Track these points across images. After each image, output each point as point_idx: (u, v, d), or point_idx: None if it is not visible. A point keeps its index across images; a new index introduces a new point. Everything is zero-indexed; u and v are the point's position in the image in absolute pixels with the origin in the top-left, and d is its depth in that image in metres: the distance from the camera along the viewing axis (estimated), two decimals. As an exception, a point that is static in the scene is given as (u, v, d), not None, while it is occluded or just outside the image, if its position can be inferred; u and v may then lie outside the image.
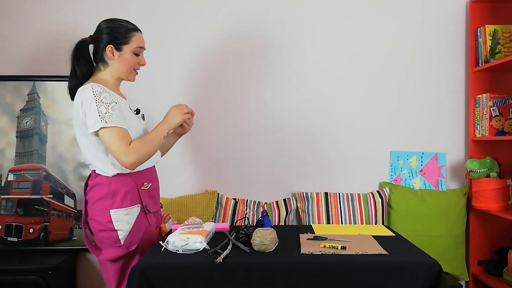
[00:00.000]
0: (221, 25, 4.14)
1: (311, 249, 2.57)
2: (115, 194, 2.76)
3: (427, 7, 4.12)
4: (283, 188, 4.18)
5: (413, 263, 2.38)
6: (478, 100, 3.94)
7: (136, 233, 2.80)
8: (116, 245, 2.78)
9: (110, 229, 2.76)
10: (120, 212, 2.76)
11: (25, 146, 4.01)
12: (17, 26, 4.12)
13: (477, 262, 4.02)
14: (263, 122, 4.16)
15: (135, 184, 2.83)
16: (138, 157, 2.66)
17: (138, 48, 2.90)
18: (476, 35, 3.99)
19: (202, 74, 4.13)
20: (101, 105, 2.65)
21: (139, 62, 2.95)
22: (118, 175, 2.79)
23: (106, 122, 2.63)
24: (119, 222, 2.75)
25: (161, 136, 2.81)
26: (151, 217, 2.94)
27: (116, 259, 2.81)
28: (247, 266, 2.37)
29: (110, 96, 2.70)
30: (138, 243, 2.82)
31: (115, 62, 2.87)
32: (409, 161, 4.14)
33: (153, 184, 2.99)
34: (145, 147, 2.71)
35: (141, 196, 2.85)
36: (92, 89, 2.69)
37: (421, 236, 3.88)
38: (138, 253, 2.84)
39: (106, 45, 2.85)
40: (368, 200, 4.01)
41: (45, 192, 3.97)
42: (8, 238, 3.96)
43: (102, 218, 2.76)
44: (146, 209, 2.87)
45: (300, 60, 4.15)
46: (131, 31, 2.89)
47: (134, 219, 2.80)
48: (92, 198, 2.82)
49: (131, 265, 2.81)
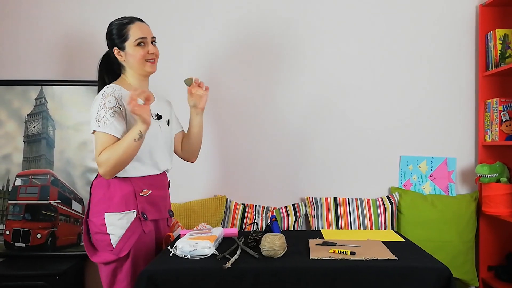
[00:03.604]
0: (229, 27, 4.16)
1: (320, 254, 2.57)
2: (111, 197, 2.77)
3: (437, 12, 4.13)
4: (292, 193, 4.19)
5: (423, 269, 2.38)
6: (488, 105, 3.94)
7: (128, 239, 2.78)
8: (108, 249, 2.78)
9: (103, 232, 2.77)
10: (114, 216, 2.76)
11: (32, 151, 4.03)
12: (24, 31, 4.15)
13: (487, 268, 4.02)
14: (272, 126, 4.17)
15: (133, 189, 2.82)
16: (106, 168, 2.64)
17: (138, 40, 2.88)
18: (486, 39, 3.99)
19: (210, 77, 4.14)
20: (101, 108, 2.69)
21: (148, 51, 2.92)
22: (118, 178, 2.79)
23: (99, 126, 2.67)
24: (113, 226, 2.76)
25: (130, 139, 2.63)
26: (148, 225, 2.89)
27: (107, 263, 2.81)
28: (256, 272, 2.37)
29: (115, 100, 2.73)
30: (130, 250, 2.79)
31: (126, 62, 2.91)
32: (419, 166, 4.14)
33: (156, 191, 2.96)
34: (113, 155, 2.62)
35: (138, 202, 2.83)
36: (104, 90, 2.76)
37: (431, 241, 3.87)
38: (130, 260, 2.81)
39: (112, 49, 2.91)
40: (378, 205, 4.01)
41: (53, 197, 3.99)
42: (15, 244, 3.97)
43: (98, 220, 2.77)
44: (143, 215, 2.84)
45: (310, 65, 4.16)
46: (125, 26, 2.90)
47: (128, 224, 2.79)
48: (93, 199, 2.84)
49: (122, 271, 2.81)
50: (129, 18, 2.94)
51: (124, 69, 2.96)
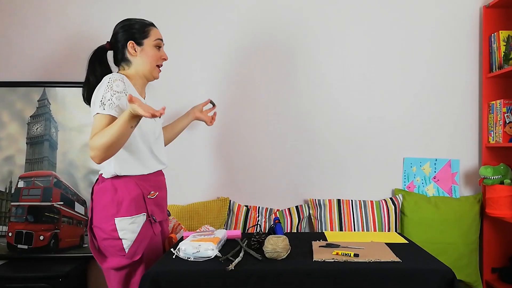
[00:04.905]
0: (229, 31, 4.18)
1: (323, 256, 2.57)
2: (120, 202, 2.75)
3: (440, 13, 4.13)
4: (296, 195, 4.20)
5: (427, 271, 2.39)
6: (492, 106, 3.94)
7: (141, 242, 2.79)
8: (120, 254, 2.77)
9: (114, 238, 2.75)
10: (125, 221, 2.75)
11: (35, 153, 4.03)
12: (27, 32, 4.16)
13: (491, 270, 4.02)
14: (275, 128, 4.17)
15: (141, 192, 2.82)
16: (96, 152, 2.52)
17: (158, 40, 2.92)
18: (489, 41, 3.99)
19: (214, 80, 4.16)
20: (108, 91, 2.64)
21: (161, 56, 2.96)
22: (124, 181, 2.79)
23: (104, 109, 2.60)
24: (124, 230, 2.75)
25: (118, 122, 2.48)
26: (157, 227, 2.92)
27: (120, 268, 2.80)
28: (259, 274, 2.38)
29: (123, 85, 2.69)
30: (143, 253, 2.80)
31: (138, 59, 2.89)
32: (422, 167, 4.15)
33: (160, 193, 2.99)
34: (103, 138, 2.49)
35: (147, 205, 2.84)
36: (112, 75, 2.71)
37: (435, 243, 3.88)
38: (143, 263, 2.82)
39: (126, 42, 2.87)
40: (381, 207, 4.02)
41: (56, 199, 3.99)
42: (18, 246, 3.98)
43: (107, 226, 2.75)
44: (152, 218, 2.86)
45: (313, 67, 4.16)
46: (148, 26, 2.92)
47: (140, 228, 2.79)
48: (98, 205, 2.81)
49: (136, 274, 2.81)
50: (149, 21, 2.97)
51: (129, 66, 2.92)
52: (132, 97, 2.37)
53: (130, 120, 2.49)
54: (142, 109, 2.38)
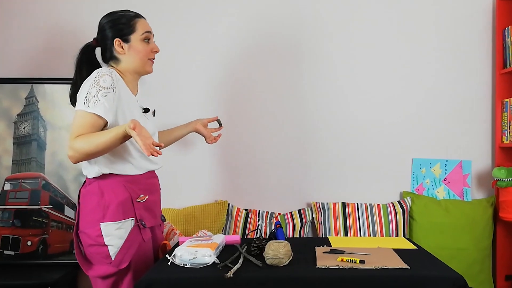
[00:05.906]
0: (233, 30, 4.18)
1: (327, 263, 2.57)
2: (107, 206, 2.73)
3: (452, 6, 4.13)
4: (298, 198, 4.19)
5: (437, 278, 2.38)
6: (506, 104, 3.93)
7: (128, 249, 2.75)
8: (106, 261, 2.74)
9: (100, 244, 2.72)
10: (111, 226, 2.72)
11: (22, 153, 4.03)
12: (14, 27, 4.16)
13: (505, 277, 4.01)
14: (276, 128, 4.17)
15: (129, 195, 2.79)
16: (75, 154, 2.55)
17: (146, 33, 2.89)
18: (503, 35, 3.98)
19: (213, 81, 4.16)
20: (94, 87, 2.62)
21: (152, 49, 2.93)
22: (111, 183, 2.77)
23: (88, 106, 2.59)
24: (110, 236, 2.71)
25: (109, 135, 2.52)
26: (147, 233, 2.88)
27: (106, 276, 2.77)
28: (259, 281, 2.38)
29: (111, 81, 2.67)
30: (131, 260, 2.77)
31: (126, 56, 2.87)
32: (432, 169, 4.15)
33: (151, 196, 2.95)
34: (88, 144, 2.52)
35: (135, 209, 2.81)
36: (100, 70, 2.70)
37: (445, 249, 3.87)
38: (131, 271, 2.78)
39: (113, 39, 2.84)
40: (389, 210, 4.01)
41: (44, 202, 3.99)
42: (4, 251, 3.98)
43: (92, 231, 2.73)
44: (141, 223, 2.82)
45: (317, 67, 4.17)
46: (134, 18, 2.89)
47: (127, 234, 2.75)
48: (84, 209, 2.79)
49: (123, 283, 2.78)
50: (135, 12, 2.94)
51: (117, 64, 2.90)
52: (136, 124, 2.40)
53: (122, 138, 2.53)
54: (142, 142, 2.40)
